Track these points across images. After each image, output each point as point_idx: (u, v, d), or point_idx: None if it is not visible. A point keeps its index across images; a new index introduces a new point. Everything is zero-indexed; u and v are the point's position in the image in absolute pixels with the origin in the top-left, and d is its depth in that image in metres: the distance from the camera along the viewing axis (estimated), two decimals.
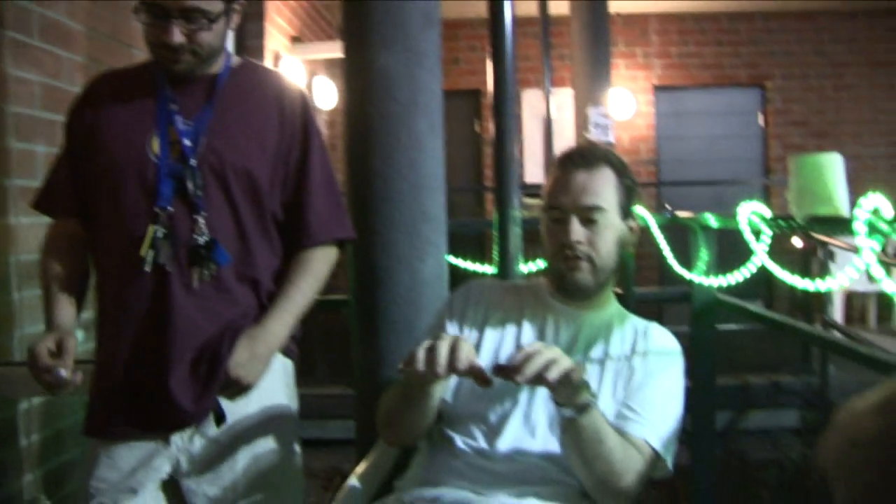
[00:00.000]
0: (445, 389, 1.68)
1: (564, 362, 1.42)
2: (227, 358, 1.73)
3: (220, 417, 1.77)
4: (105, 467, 1.76)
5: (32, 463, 2.59)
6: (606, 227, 1.70)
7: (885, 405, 0.56)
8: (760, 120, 8.55)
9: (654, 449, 1.61)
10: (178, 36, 1.69)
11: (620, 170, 1.74)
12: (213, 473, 1.78)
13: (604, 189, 1.70)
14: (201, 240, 1.73)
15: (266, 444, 1.83)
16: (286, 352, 1.90)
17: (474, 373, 1.43)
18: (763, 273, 2.34)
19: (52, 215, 1.90)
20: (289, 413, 1.91)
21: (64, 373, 1.62)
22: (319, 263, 1.88)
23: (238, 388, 1.76)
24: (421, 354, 1.44)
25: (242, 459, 1.80)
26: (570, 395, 1.47)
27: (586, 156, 1.73)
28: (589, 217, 1.69)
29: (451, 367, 1.42)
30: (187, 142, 1.75)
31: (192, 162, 1.74)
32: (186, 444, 1.77)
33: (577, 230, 1.69)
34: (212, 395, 1.75)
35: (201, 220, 1.74)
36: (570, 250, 1.69)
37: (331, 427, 5.41)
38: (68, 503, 2.77)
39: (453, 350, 1.42)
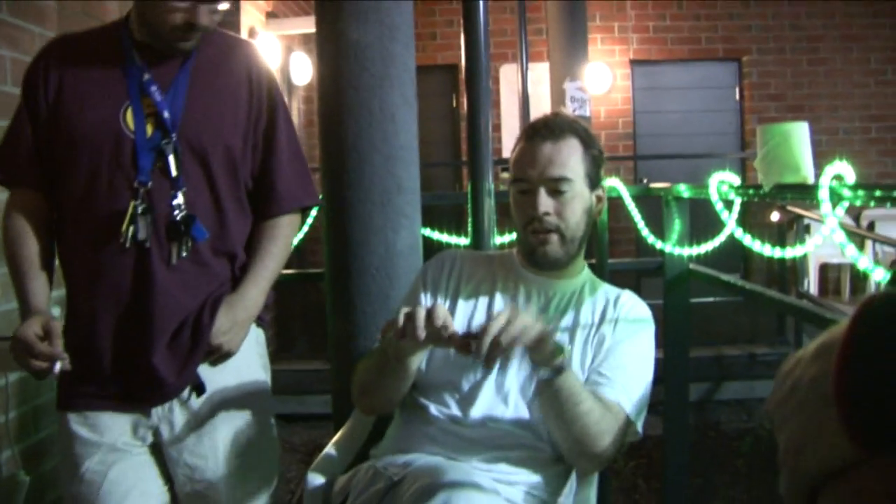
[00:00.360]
0: (422, 357, 1.70)
1: (537, 327, 1.44)
2: (209, 329, 1.75)
3: (199, 388, 1.78)
4: (88, 435, 1.76)
5: (10, 439, 2.59)
6: (574, 198, 1.71)
7: (822, 350, 0.58)
8: (737, 94, 8.59)
9: (626, 413, 1.63)
10: (205, 17, 1.68)
11: (587, 140, 1.74)
12: (193, 442, 1.80)
13: (570, 159, 1.71)
14: (180, 215, 1.72)
15: (244, 412, 1.85)
16: (258, 321, 1.91)
17: (453, 340, 1.45)
18: (739, 247, 2.37)
19: (11, 187, 1.83)
20: (263, 381, 1.93)
21: (60, 364, 1.62)
22: (287, 230, 1.91)
23: (220, 356, 1.79)
24: (400, 321, 1.45)
25: (222, 428, 1.82)
26: (545, 357, 1.48)
27: (552, 127, 1.73)
28: (556, 188, 1.70)
29: (430, 336, 1.43)
30: (167, 114, 1.73)
31: (174, 136, 1.72)
32: (167, 413, 1.78)
33: (545, 202, 1.69)
34: (195, 367, 1.77)
35: (180, 195, 1.73)
36: (538, 223, 1.70)
37: (310, 402, 5.44)
38: (47, 479, 2.77)
39: (430, 317, 1.43)
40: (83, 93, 1.75)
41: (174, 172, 1.72)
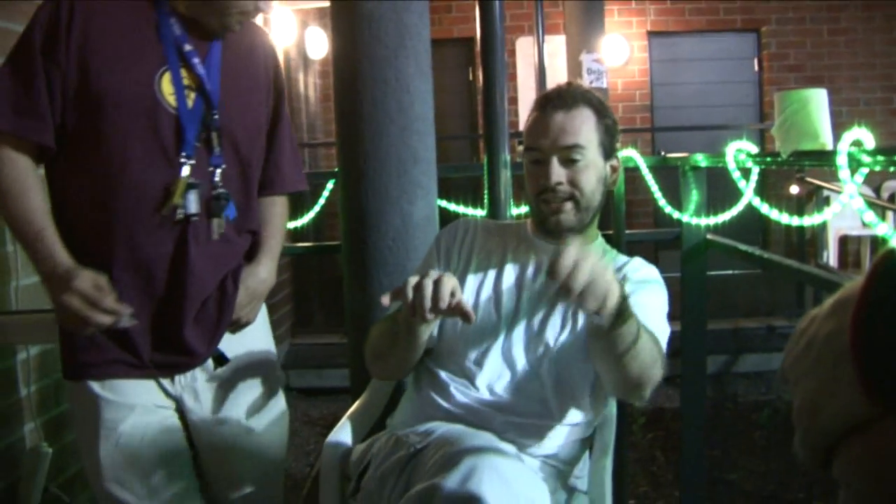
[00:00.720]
0: (433, 326, 1.70)
1: (604, 284, 1.33)
2: (234, 301, 1.79)
3: (221, 358, 1.83)
4: (119, 399, 1.75)
5: (33, 411, 2.62)
6: (587, 166, 1.70)
7: (837, 307, 0.58)
8: (755, 65, 8.49)
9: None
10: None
11: (600, 109, 1.73)
12: (215, 407, 1.84)
13: (582, 128, 1.70)
14: (219, 192, 1.72)
15: (259, 380, 1.91)
16: None
17: (458, 310, 1.45)
18: (758, 220, 2.35)
19: (24, 139, 1.64)
20: (273, 352, 2.00)
21: (127, 318, 1.62)
22: (286, 209, 1.99)
23: (239, 326, 1.85)
24: (409, 291, 1.45)
25: (241, 394, 1.86)
26: (609, 310, 1.37)
27: (564, 96, 1.72)
28: (569, 157, 1.69)
29: (436, 307, 1.43)
30: (209, 87, 1.70)
31: (215, 112, 1.70)
32: (190, 382, 1.81)
33: (558, 171, 1.69)
34: (220, 338, 1.81)
35: (218, 172, 1.73)
36: (551, 193, 1.70)
37: (329, 376, 5.47)
38: (69, 451, 2.80)
39: (437, 287, 1.43)
40: (113, 50, 1.63)
41: (217, 149, 1.71)
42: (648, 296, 1.69)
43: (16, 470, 2.52)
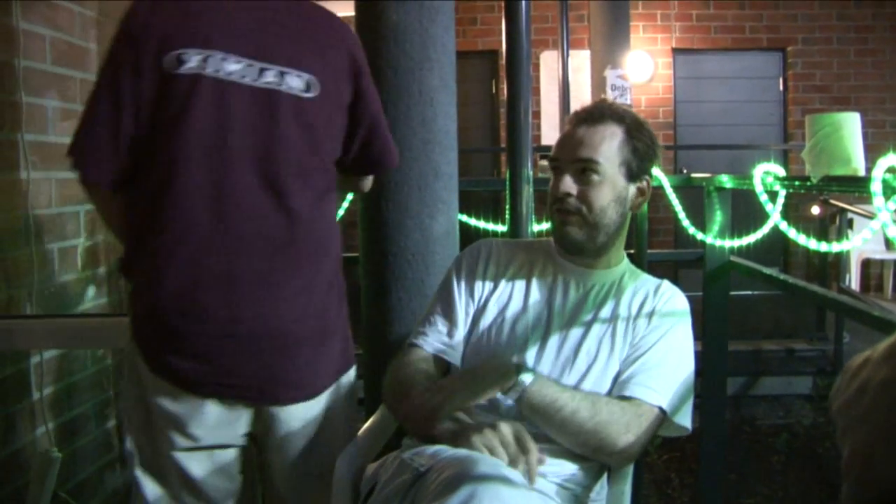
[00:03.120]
0: (454, 355, 1.74)
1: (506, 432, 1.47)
2: None
3: None
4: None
5: (44, 416, 2.61)
6: (602, 183, 1.68)
7: (892, 352, 0.55)
8: (780, 85, 8.43)
9: (660, 408, 1.60)
10: None
11: (632, 129, 1.71)
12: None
13: (603, 144, 1.68)
14: None
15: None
16: None
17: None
18: (780, 241, 2.32)
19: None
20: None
21: None
22: None
23: None
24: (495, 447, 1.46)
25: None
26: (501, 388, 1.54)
27: (593, 112, 1.71)
28: (582, 171, 1.68)
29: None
30: None
31: None
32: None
33: (568, 183, 1.68)
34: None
35: None
36: (560, 203, 1.69)
37: None
38: (79, 456, 2.79)
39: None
40: None
41: None
42: (670, 341, 1.67)
43: (25, 474, 2.51)
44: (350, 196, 2.53)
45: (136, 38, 1.61)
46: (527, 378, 1.53)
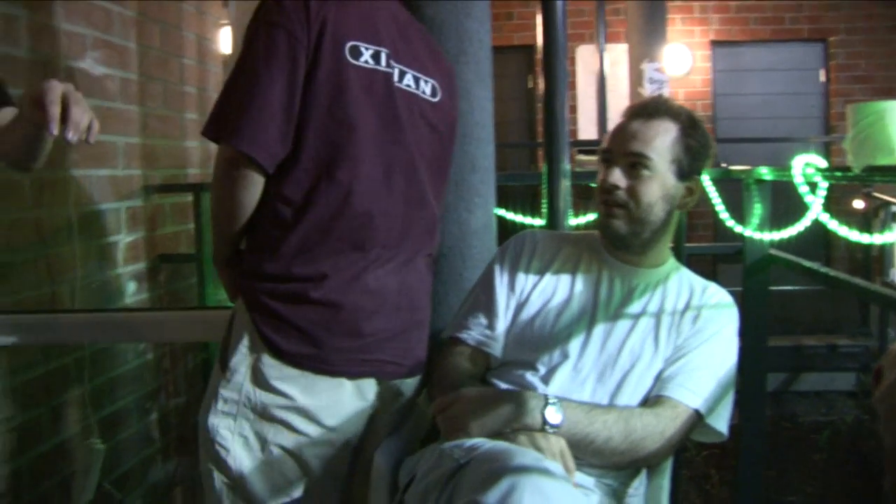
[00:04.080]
0: (495, 346, 1.75)
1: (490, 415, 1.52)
2: None
3: None
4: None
5: (88, 408, 2.65)
6: (652, 179, 1.66)
7: None
8: (822, 76, 8.31)
9: (696, 410, 1.58)
10: None
11: (687, 127, 1.69)
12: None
13: (655, 140, 1.66)
14: None
15: None
16: None
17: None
18: (821, 235, 2.29)
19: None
20: None
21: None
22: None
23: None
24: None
25: None
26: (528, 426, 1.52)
27: (649, 106, 1.71)
28: (633, 164, 1.66)
29: None
30: None
31: None
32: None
33: (617, 175, 1.67)
34: None
35: None
36: (607, 195, 1.68)
37: None
38: (122, 448, 2.84)
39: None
40: None
41: None
42: (714, 345, 1.66)
43: (70, 465, 2.55)
44: None
45: (308, 24, 1.58)
46: (554, 417, 1.51)
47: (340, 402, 1.68)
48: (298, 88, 1.59)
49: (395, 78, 1.68)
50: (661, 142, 1.67)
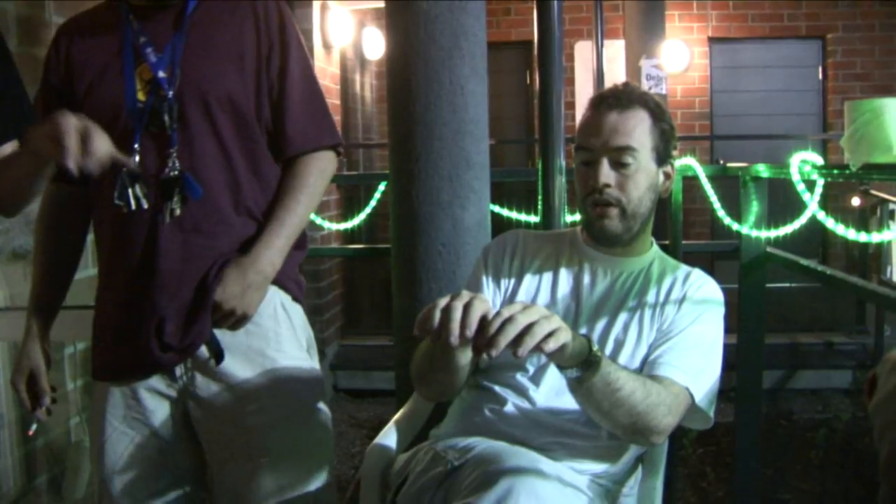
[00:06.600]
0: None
1: (546, 325, 1.26)
2: (215, 288, 1.67)
3: (218, 355, 1.70)
4: (119, 405, 1.75)
5: (78, 406, 2.64)
6: (638, 171, 1.63)
7: None
8: (819, 73, 8.30)
9: (688, 391, 1.55)
10: None
11: (656, 112, 1.65)
12: (221, 418, 1.73)
13: (636, 130, 1.62)
14: (171, 174, 1.67)
15: (278, 389, 1.74)
16: (293, 296, 1.81)
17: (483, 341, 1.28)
18: (818, 232, 2.28)
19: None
20: (300, 358, 1.80)
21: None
22: (310, 177, 1.77)
23: (235, 320, 1.69)
24: (436, 314, 1.28)
25: (250, 405, 1.72)
26: (567, 358, 1.34)
27: (619, 96, 1.65)
28: (620, 159, 1.62)
29: (462, 334, 1.25)
30: (161, 73, 1.69)
31: (169, 94, 1.68)
32: (189, 383, 1.72)
33: (607, 173, 1.62)
34: (202, 329, 1.69)
35: (174, 154, 1.67)
36: (598, 195, 1.63)
37: (376, 378, 5.46)
38: None
39: (467, 311, 1.25)
40: (87, 75, 1.74)
41: (170, 131, 1.68)
42: (701, 327, 1.62)
43: (60, 463, 2.54)
44: (383, 186, 2.52)
45: None
46: (593, 356, 1.38)
47: None
48: None
49: None
50: (641, 131, 1.63)
